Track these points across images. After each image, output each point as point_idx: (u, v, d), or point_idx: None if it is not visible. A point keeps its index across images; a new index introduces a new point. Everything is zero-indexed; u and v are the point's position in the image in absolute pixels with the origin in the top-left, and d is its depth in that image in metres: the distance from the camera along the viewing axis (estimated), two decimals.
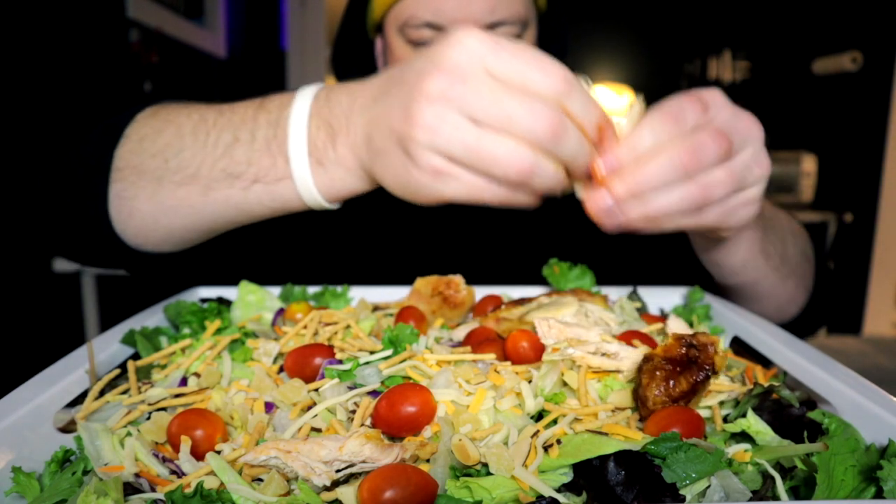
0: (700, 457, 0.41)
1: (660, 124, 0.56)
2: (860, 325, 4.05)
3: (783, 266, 0.83)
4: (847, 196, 3.94)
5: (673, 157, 0.54)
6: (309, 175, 0.61)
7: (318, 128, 0.60)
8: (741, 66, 4.22)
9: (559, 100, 0.50)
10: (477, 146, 0.49)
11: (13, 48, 1.82)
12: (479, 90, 0.49)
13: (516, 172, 0.50)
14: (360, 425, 0.47)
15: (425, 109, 0.49)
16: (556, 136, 0.49)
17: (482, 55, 0.49)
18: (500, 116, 0.48)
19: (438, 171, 0.51)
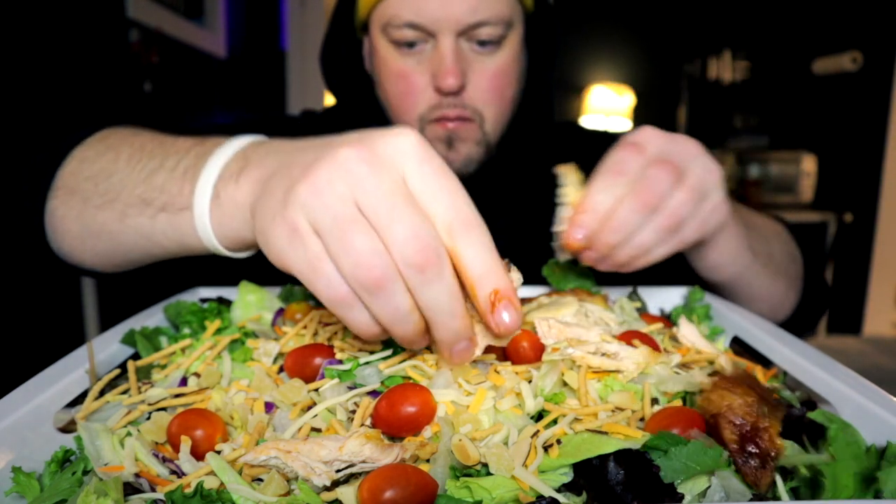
0: (701, 451, 0.41)
1: (610, 180, 0.63)
2: (860, 325, 4.05)
3: (771, 264, 0.85)
4: (847, 196, 3.94)
5: (633, 202, 0.61)
6: (206, 207, 0.56)
7: (235, 161, 0.56)
8: (741, 66, 4.22)
9: (452, 235, 0.44)
10: (345, 229, 0.43)
11: (13, 48, 1.82)
12: (382, 182, 0.44)
13: (364, 277, 0.43)
14: (360, 425, 0.47)
15: (322, 170, 0.44)
16: (422, 269, 0.43)
17: (407, 157, 0.45)
18: (384, 217, 0.43)
19: (295, 231, 0.45)
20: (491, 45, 0.94)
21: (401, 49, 0.95)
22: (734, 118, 4.31)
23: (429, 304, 0.45)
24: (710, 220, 0.68)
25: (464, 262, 0.45)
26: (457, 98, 0.95)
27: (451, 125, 0.97)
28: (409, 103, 0.97)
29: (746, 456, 0.42)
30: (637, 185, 0.62)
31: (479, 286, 0.45)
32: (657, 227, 0.63)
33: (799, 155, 3.88)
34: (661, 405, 0.50)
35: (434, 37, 0.92)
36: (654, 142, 0.65)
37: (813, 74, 3.99)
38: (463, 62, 0.93)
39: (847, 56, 3.75)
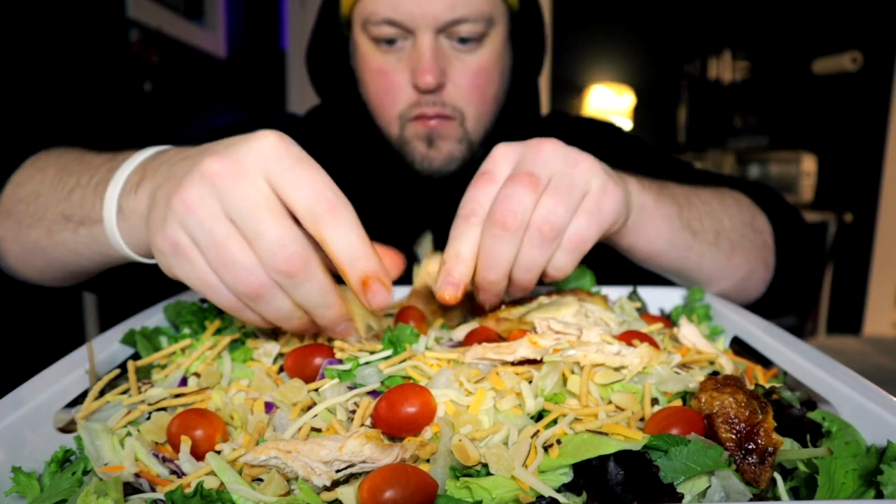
0: (701, 451, 0.41)
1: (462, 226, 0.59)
2: (860, 325, 4.05)
3: (720, 240, 0.80)
4: (847, 196, 3.94)
5: (495, 232, 0.56)
6: (114, 218, 0.59)
7: (136, 173, 0.59)
8: (741, 66, 4.22)
9: (314, 225, 0.48)
10: (221, 244, 0.47)
11: (13, 48, 1.82)
12: (247, 193, 0.47)
13: (244, 288, 0.48)
14: (360, 425, 0.47)
15: (192, 185, 0.47)
16: (291, 275, 0.48)
17: (268, 158, 0.48)
18: (251, 229, 0.47)
19: (177, 247, 0.49)
20: (472, 43, 0.93)
21: (380, 46, 0.94)
22: (734, 118, 4.30)
23: (304, 302, 0.50)
24: (604, 210, 0.61)
25: (331, 248, 0.48)
26: (436, 96, 0.94)
27: (431, 123, 0.96)
28: (388, 101, 0.97)
29: (744, 453, 0.43)
30: (489, 214, 0.57)
31: (350, 271, 0.50)
32: (536, 242, 0.58)
33: (799, 155, 3.88)
34: (661, 405, 0.50)
35: (413, 34, 0.91)
36: (503, 161, 0.61)
37: (813, 74, 3.99)
38: (442, 60, 0.92)
39: (847, 56, 3.75)
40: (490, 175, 0.60)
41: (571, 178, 0.59)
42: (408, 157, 1.01)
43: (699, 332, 0.63)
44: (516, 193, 0.57)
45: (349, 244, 0.49)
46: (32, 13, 1.89)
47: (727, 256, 0.82)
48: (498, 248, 0.57)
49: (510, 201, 0.57)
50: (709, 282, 0.83)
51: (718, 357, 0.58)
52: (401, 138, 1.00)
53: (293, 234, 0.47)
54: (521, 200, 0.57)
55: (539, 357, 0.52)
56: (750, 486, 0.42)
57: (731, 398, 0.45)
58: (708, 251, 0.79)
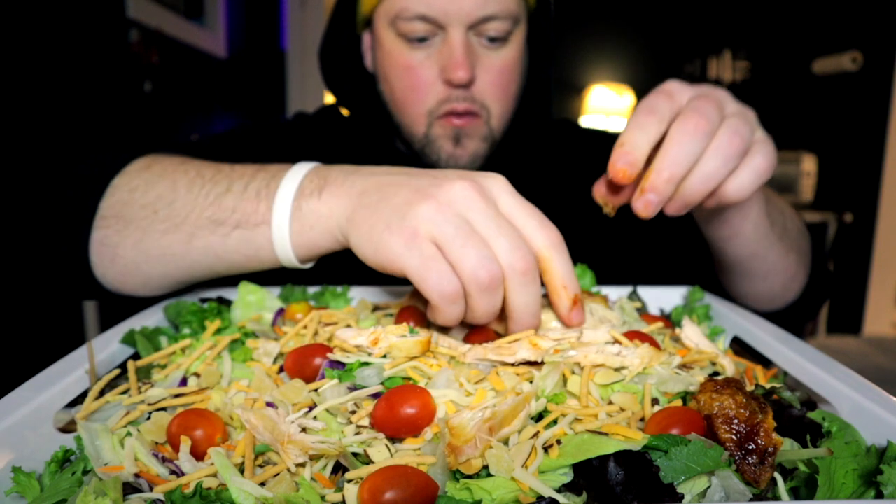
0: (702, 451, 0.41)
1: (643, 119, 0.59)
2: (860, 325, 4.05)
3: (786, 237, 0.83)
4: (847, 196, 3.94)
5: (687, 128, 0.57)
6: (287, 220, 0.63)
7: (311, 180, 0.64)
8: (741, 66, 4.22)
9: (549, 255, 0.57)
10: (465, 237, 0.53)
11: (13, 48, 1.82)
12: (488, 208, 0.55)
13: (482, 278, 0.53)
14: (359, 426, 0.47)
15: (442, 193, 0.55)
16: (525, 273, 0.54)
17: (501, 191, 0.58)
18: (491, 232, 0.54)
19: (415, 237, 0.54)
20: (498, 41, 0.95)
21: (410, 43, 0.95)
22: None
23: (520, 302, 0.56)
24: (769, 154, 0.62)
25: (555, 272, 0.58)
26: (466, 91, 0.95)
27: (458, 122, 0.97)
28: (416, 98, 0.97)
29: (744, 454, 0.43)
30: (684, 114, 0.58)
31: (566, 292, 0.59)
32: (720, 151, 0.58)
33: (799, 155, 3.88)
34: (661, 406, 0.50)
35: (444, 30, 0.92)
36: (681, 90, 0.62)
37: (813, 74, 3.99)
38: (472, 56, 0.94)
39: (847, 56, 3.75)
40: (669, 93, 0.61)
41: (746, 116, 0.61)
42: (432, 155, 1.01)
43: (703, 336, 0.63)
44: (707, 106, 0.58)
45: (567, 270, 0.58)
46: (32, 13, 1.89)
47: (786, 253, 0.84)
48: (685, 145, 0.57)
49: (702, 110, 0.57)
50: (765, 275, 0.84)
51: (719, 357, 0.58)
52: (426, 137, 1.00)
53: (526, 244, 0.56)
54: (710, 113, 0.58)
55: (539, 359, 0.52)
56: (750, 486, 0.42)
57: (730, 399, 0.45)
58: (777, 244, 0.81)
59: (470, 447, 0.40)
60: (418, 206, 0.55)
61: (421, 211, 0.54)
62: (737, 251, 0.81)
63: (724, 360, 0.58)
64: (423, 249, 0.54)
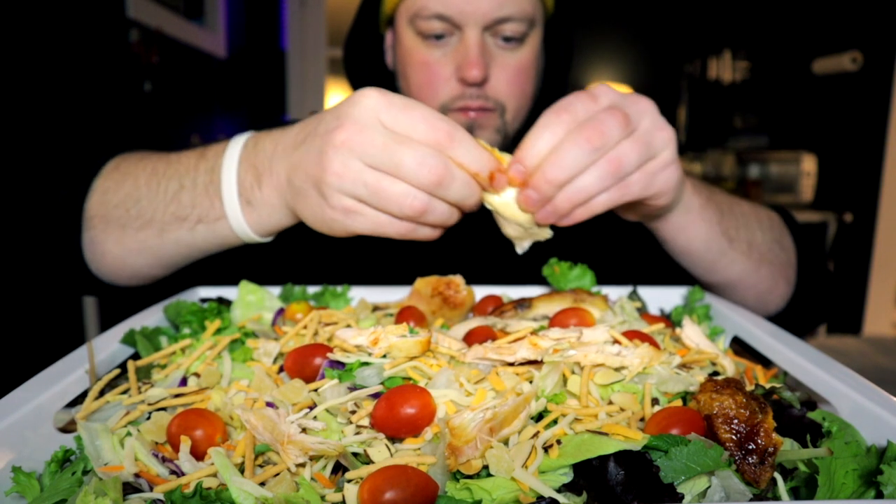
0: (702, 451, 0.41)
1: (554, 119, 0.61)
2: (860, 325, 4.05)
3: (752, 252, 0.84)
4: (847, 196, 3.94)
5: (579, 140, 0.60)
6: (240, 214, 0.69)
7: (246, 171, 0.68)
8: (741, 66, 4.22)
9: (444, 150, 0.58)
10: (377, 188, 0.58)
11: (13, 48, 1.82)
12: (375, 141, 0.57)
13: (410, 210, 0.59)
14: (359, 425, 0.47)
15: (333, 158, 0.58)
16: (440, 183, 0.58)
17: (377, 110, 0.58)
18: (391, 164, 0.57)
19: (348, 210, 0.60)
20: (514, 42, 0.96)
21: (427, 41, 0.97)
22: (734, 118, 4.30)
23: (456, 199, 0.60)
24: (659, 178, 0.66)
25: (461, 162, 0.59)
26: (479, 90, 0.97)
27: (472, 114, 0.98)
28: (430, 92, 0.99)
29: (744, 453, 0.43)
30: (583, 124, 0.61)
31: (480, 175, 0.60)
32: (599, 173, 0.61)
33: (799, 155, 3.88)
34: (661, 405, 0.50)
35: (460, 29, 0.94)
36: (607, 94, 0.64)
37: (813, 74, 3.99)
38: (487, 55, 0.95)
39: (847, 56, 3.75)
40: (593, 96, 0.64)
41: (652, 137, 0.65)
42: None
43: (703, 336, 0.63)
44: (611, 122, 0.61)
45: (474, 156, 0.59)
46: (33, 13, 1.89)
47: (755, 267, 0.86)
48: (573, 156, 0.60)
49: (604, 125, 0.61)
50: (734, 288, 0.87)
51: (719, 357, 0.58)
52: None
53: (428, 153, 0.57)
54: (612, 130, 0.61)
55: (539, 358, 0.52)
56: (750, 486, 0.42)
57: (730, 399, 0.45)
58: (739, 259, 0.83)
59: (470, 448, 0.40)
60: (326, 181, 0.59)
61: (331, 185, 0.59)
62: (692, 267, 0.84)
63: (724, 360, 0.58)
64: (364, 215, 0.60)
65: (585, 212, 0.64)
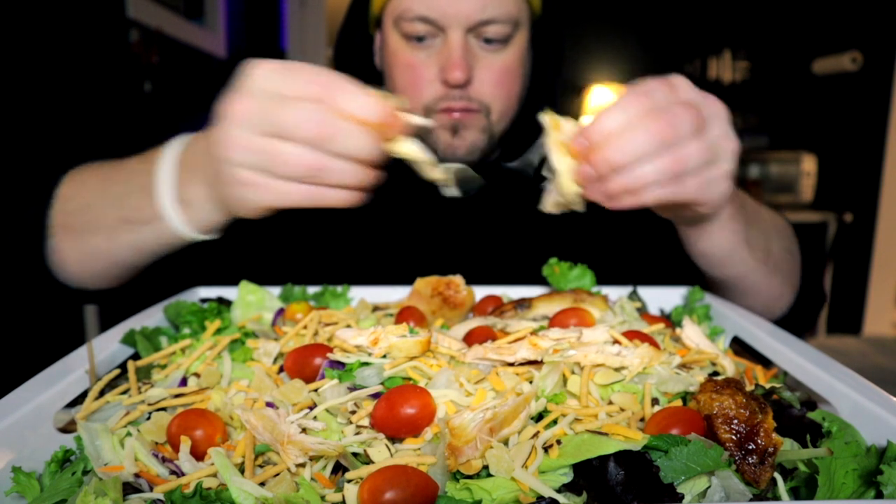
0: (702, 451, 0.41)
1: (633, 100, 0.59)
2: (860, 325, 4.05)
3: (768, 260, 0.84)
4: (847, 196, 3.94)
5: (650, 128, 0.58)
6: (175, 213, 0.69)
7: (178, 170, 0.68)
8: (741, 66, 4.22)
9: (326, 102, 0.56)
10: (265, 152, 0.57)
11: (13, 48, 1.82)
12: (260, 106, 0.56)
13: (304, 170, 0.57)
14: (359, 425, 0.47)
15: (221, 132, 0.58)
16: (325, 135, 0.56)
17: (261, 78, 0.58)
18: (274, 126, 0.56)
19: (246, 183, 0.59)
20: (498, 43, 0.96)
21: (411, 42, 0.97)
22: (734, 118, 4.28)
23: (352, 151, 0.57)
24: (714, 187, 0.64)
25: (349, 112, 0.56)
26: (463, 91, 0.97)
27: (456, 115, 0.98)
28: (415, 94, 0.99)
29: (744, 454, 0.43)
30: (659, 115, 0.59)
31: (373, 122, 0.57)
32: (660, 166, 0.60)
33: (799, 155, 3.88)
34: (661, 406, 0.50)
35: (444, 31, 0.94)
36: (686, 88, 0.63)
37: (813, 74, 3.99)
38: (470, 57, 0.95)
39: (847, 56, 3.75)
40: (672, 86, 0.62)
41: (719, 146, 0.63)
42: (430, 146, 1.02)
43: (704, 336, 0.63)
44: (686, 118, 0.59)
45: (360, 102, 0.56)
46: (33, 13, 1.89)
47: (769, 276, 0.86)
48: (640, 142, 0.58)
49: (678, 119, 0.59)
50: (744, 292, 0.86)
51: (719, 357, 0.58)
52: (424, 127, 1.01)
53: (308, 107, 0.55)
54: (685, 127, 0.59)
55: (539, 358, 0.52)
56: (750, 486, 0.42)
57: (730, 399, 0.45)
58: (756, 268, 0.83)
59: (470, 448, 0.40)
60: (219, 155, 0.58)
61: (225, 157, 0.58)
62: (712, 271, 0.83)
63: (725, 361, 0.58)
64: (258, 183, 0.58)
65: (635, 200, 0.62)
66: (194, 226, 0.70)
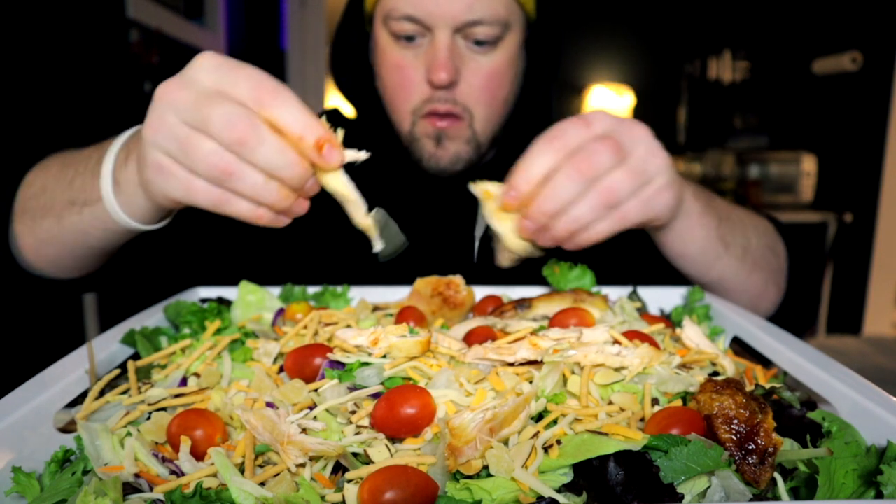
0: (702, 451, 0.41)
1: (547, 146, 0.62)
2: (860, 325, 4.05)
3: (746, 257, 0.85)
4: (847, 196, 3.94)
5: (569, 171, 0.60)
6: (111, 194, 0.67)
7: (123, 150, 0.67)
8: (741, 66, 4.22)
9: (261, 111, 0.54)
10: (186, 143, 0.55)
11: (13, 48, 1.82)
12: (190, 97, 0.55)
13: (216, 170, 0.55)
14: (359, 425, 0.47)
15: (151, 112, 0.57)
16: (245, 142, 0.53)
17: (207, 68, 0.56)
18: (201, 119, 0.54)
19: (161, 167, 0.57)
20: (486, 45, 0.95)
21: (399, 42, 0.96)
22: (734, 118, 4.30)
23: (268, 166, 0.55)
24: (656, 203, 0.67)
25: (282, 125, 0.54)
26: (448, 93, 0.96)
27: (440, 123, 0.98)
28: (403, 95, 0.99)
29: (744, 454, 0.43)
30: (575, 154, 0.61)
31: (304, 141, 0.55)
32: (593, 202, 0.62)
33: (799, 155, 3.88)
34: (661, 406, 0.50)
35: (431, 31, 0.93)
36: (601, 120, 0.65)
37: (813, 74, 3.99)
38: (457, 59, 0.94)
39: (847, 56, 3.75)
40: (587, 123, 0.64)
41: (646, 164, 0.65)
42: (416, 153, 1.02)
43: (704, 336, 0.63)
44: (604, 151, 0.61)
45: (296, 118, 0.54)
46: (33, 13, 1.89)
47: (748, 273, 0.87)
48: (564, 186, 0.61)
49: (596, 155, 0.61)
50: (725, 292, 0.87)
51: (719, 357, 0.58)
52: (411, 134, 1.02)
53: (236, 110, 0.53)
54: (603, 159, 0.61)
55: (539, 358, 0.52)
56: (750, 486, 0.42)
57: (730, 399, 0.45)
58: (733, 265, 0.84)
59: (470, 448, 0.41)
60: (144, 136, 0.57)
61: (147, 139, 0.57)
62: (687, 270, 0.84)
63: (725, 361, 0.58)
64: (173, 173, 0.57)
65: (586, 238, 0.65)
66: (126, 210, 0.67)
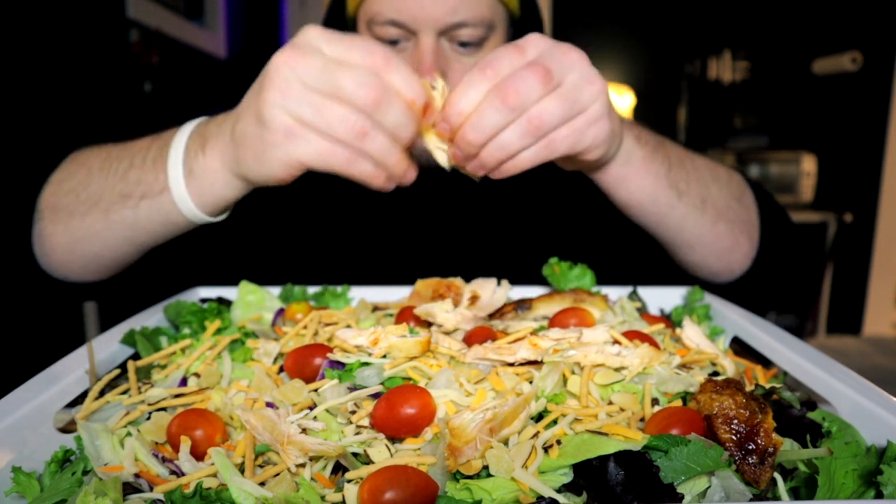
0: (702, 451, 0.41)
1: (478, 76, 0.61)
2: (860, 325, 4.05)
3: (706, 206, 0.82)
4: (847, 196, 3.94)
5: (494, 101, 0.60)
6: (182, 185, 0.67)
7: (194, 141, 0.68)
8: (741, 66, 4.22)
9: (381, 75, 0.58)
10: (320, 107, 0.57)
11: (13, 48, 1.82)
12: (315, 63, 0.57)
13: (353, 132, 0.58)
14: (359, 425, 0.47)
15: (275, 76, 0.58)
16: (379, 104, 0.57)
17: (319, 39, 0.59)
18: (332, 85, 0.57)
19: (289, 131, 0.58)
20: (472, 46, 0.95)
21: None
22: (734, 118, 4.30)
23: (396, 127, 0.59)
24: (587, 133, 0.65)
25: (398, 89, 0.58)
26: None
27: None
28: None
29: (744, 454, 0.43)
30: (502, 82, 0.61)
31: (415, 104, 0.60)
32: (520, 129, 0.62)
33: (799, 155, 3.88)
34: (661, 406, 0.50)
35: (415, 35, 0.93)
36: (536, 45, 0.63)
37: (813, 74, 3.99)
38: (442, 61, 0.94)
39: (847, 56, 3.74)
40: (521, 50, 0.63)
41: (579, 92, 0.63)
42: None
43: (704, 336, 0.63)
44: (530, 79, 0.60)
45: (409, 83, 0.59)
46: (33, 13, 1.89)
47: (711, 223, 0.84)
48: (490, 116, 0.61)
49: (522, 83, 0.60)
50: (689, 245, 0.85)
51: (719, 357, 0.58)
52: None
53: (365, 73, 0.57)
54: (530, 87, 0.60)
55: (539, 358, 0.52)
56: (750, 486, 0.42)
57: (730, 399, 0.45)
58: (692, 214, 0.81)
59: (470, 448, 0.40)
60: (267, 94, 0.58)
61: (273, 97, 0.58)
62: (640, 220, 0.83)
63: (725, 361, 0.58)
64: (304, 137, 0.58)
65: (513, 167, 0.64)
66: (198, 200, 0.68)
